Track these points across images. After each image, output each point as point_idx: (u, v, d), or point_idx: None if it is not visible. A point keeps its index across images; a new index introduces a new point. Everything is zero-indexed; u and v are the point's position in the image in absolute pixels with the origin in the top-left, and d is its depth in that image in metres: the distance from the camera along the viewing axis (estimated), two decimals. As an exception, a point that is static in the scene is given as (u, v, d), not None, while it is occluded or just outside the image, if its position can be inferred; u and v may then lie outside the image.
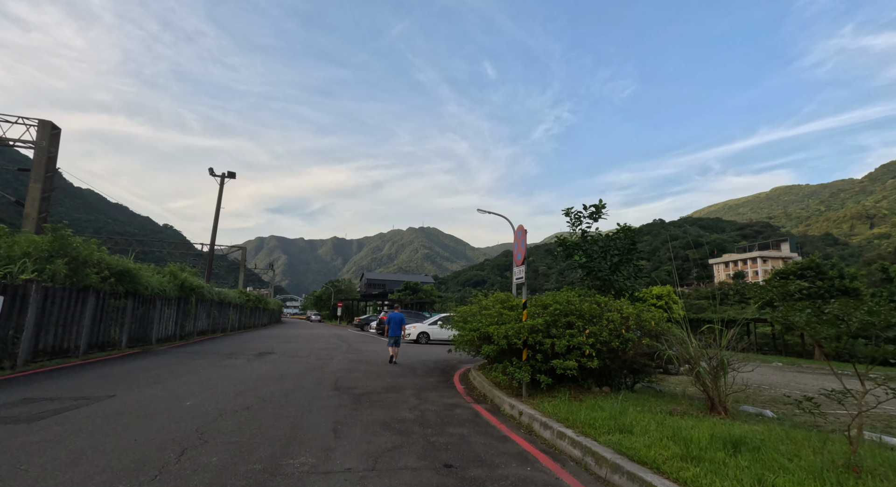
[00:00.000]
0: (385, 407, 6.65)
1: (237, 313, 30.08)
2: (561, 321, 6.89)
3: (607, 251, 8.45)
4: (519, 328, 6.69)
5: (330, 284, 78.46)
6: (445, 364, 13.29)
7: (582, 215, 8.60)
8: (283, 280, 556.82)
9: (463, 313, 9.24)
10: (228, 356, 13.01)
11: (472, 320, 8.00)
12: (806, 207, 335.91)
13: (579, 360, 6.40)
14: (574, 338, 6.50)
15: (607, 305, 7.12)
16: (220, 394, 7.07)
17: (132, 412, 5.68)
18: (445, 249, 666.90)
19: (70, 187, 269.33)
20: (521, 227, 7.30)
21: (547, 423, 5.13)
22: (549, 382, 6.50)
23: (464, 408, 6.80)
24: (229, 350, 15.02)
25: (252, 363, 11.49)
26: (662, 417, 4.97)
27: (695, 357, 5.48)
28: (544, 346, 6.48)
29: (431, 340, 23.03)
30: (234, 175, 26.02)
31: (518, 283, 7.28)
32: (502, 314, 7.52)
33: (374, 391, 8.13)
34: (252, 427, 5.16)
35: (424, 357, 15.23)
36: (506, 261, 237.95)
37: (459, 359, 14.76)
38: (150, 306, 15.96)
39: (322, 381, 9.00)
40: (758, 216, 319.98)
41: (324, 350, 16.39)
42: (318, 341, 21.89)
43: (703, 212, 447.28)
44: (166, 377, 8.71)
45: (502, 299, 8.86)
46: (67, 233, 11.24)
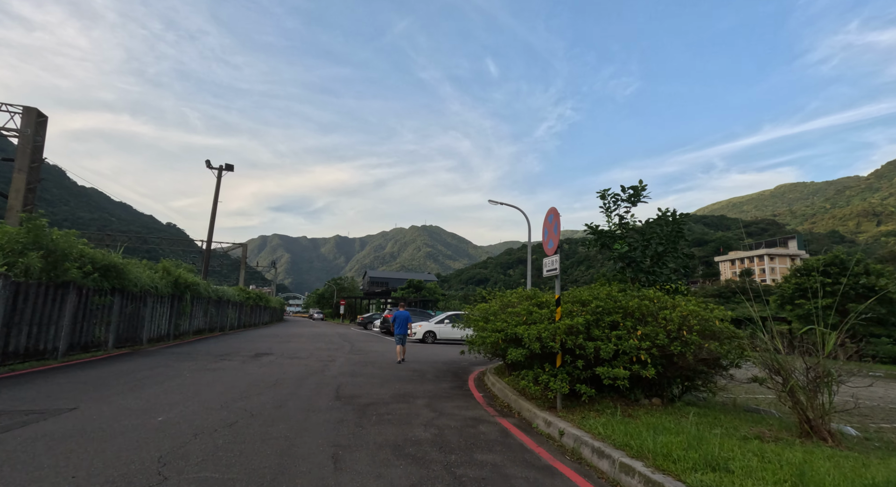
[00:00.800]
0: (395, 423, 5.59)
1: (236, 311, 29.13)
2: (604, 320, 5.82)
3: (650, 240, 7.35)
4: (554, 328, 5.62)
5: (332, 282, 77.54)
6: (457, 367, 12.24)
7: (619, 198, 7.48)
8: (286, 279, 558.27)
9: (482, 310, 8.17)
10: (222, 358, 12.00)
11: (495, 319, 6.95)
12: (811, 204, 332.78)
13: (629, 367, 5.33)
14: (624, 341, 5.43)
15: (661, 301, 6.04)
16: (201, 406, 6.03)
17: (87, 432, 4.64)
18: (448, 247, 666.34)
19: (74, 186, 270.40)
20: (554, 210, 6.24)
21: (602, 449, 4.06)
22: (592, 393, 5.42)
23: (488, 424, 5.73)
24: (224, 351, 14.02)
25: (246, 366, 10.47)
26: (755, 444, 3.89)
27: (785, 367, 4.41)
28: (587, 350, 5.40)
29: (438, 339, 21.99)
30: (231, 168, 25.02)
31: (550, 274, 6.21)
32: (532, 313, 6.45)
33: (381, 400, 7.08)
34: (230, 455, 4.11)
35: (433, 358, 14.19)
36: (508, 259, 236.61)
37: (471, 361, 13.71)
38: (140, 303, 14.96)
39: (322, 388, 7.95)
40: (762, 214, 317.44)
41: (325, 351, 15.37)
42: (320, 340, 20.89)
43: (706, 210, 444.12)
44: (146, 383, 7.69)
45: (528, 295, 7.78)
46: (42, 223, 10.22)
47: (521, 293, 8.01)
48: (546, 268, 6.37)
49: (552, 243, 6.26)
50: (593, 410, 5.53)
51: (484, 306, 8.34)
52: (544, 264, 6.48)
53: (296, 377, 9.14)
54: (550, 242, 6.32)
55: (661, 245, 7.16)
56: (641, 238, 7.39)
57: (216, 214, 23.98)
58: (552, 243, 6.26)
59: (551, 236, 6.33)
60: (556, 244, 6.16)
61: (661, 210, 7.37)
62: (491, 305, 8.17)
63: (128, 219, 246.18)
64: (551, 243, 6.30)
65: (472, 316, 9.01)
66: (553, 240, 6.25)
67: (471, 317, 9.14)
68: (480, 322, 7.67)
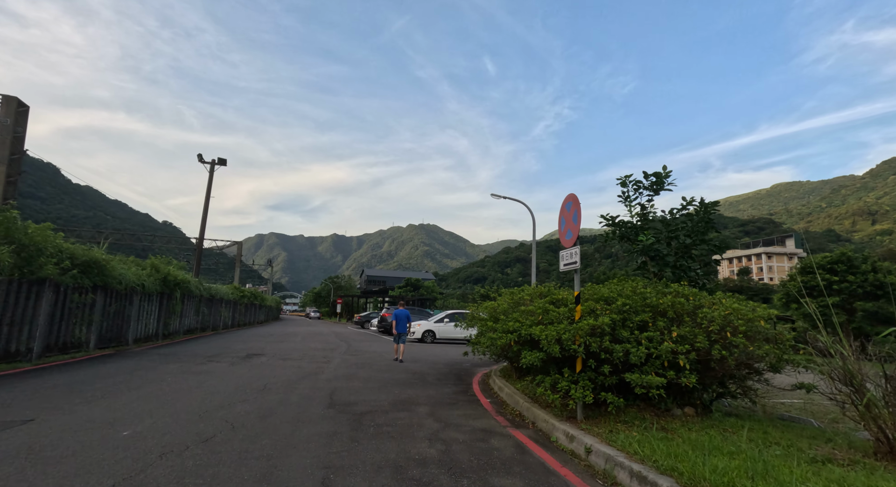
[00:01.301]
0: (395, 436, 4.93)
1: (230, 309, 28.40)
2: (632, 320, 5.17)
3: (676, 231, 6.70)
4: (575, 329, 4.97)
5: (329, 280, 76.75)
6: (459, 368, 11.59)
7: (641, 185, 6.81)
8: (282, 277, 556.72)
9: (489, 309, 7.50)
10: (210, 359, 11.30)
11: (506, 318, 6.29)
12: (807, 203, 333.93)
13: (662, 373, 4.68)
14: (655, 344, 4.78)
15: (697, 298, 5.39)
16: (176, 416, 5.35)
17: (35, 451, 3.95)
18: (445, 246, 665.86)
19: (68, 184, 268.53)
20: (573, 197, 5.58)
21: (643, 475, 3.40)
22: (621, 403, 4.77)
23: (501, 437, 5.07)
24: (213, 352, 13.32)
25: (235, 368, 9.78)
26: (834, 472, 3.23)
27: (858, 375, 3.77)
28: (614, 354, 4.76)
29: (438, 338, 21.35)
30: (224, 162, 24.26)
31: (568, 268, 5.55)
32: (548, 311, 5.78)
33: (380, 408, 6.41)
34: (200, 480, 3.44)
35: (434, 359, 13.54)
36: (506, 258, 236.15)
37: (473, 362, 13.06)
38: (125, 301, 14.24)
39: (314, 393, 7.27)
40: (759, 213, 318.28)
41: (320, 351, 14.68)
42: (315, 340, 20.20)
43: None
44: (121, 388, 7.00)
45: (542, 292, 7.11)
46: (13, 216, 9.49)
47: (534, 290, 7.33)
48: (563, 261, 5.71)
49: (570, 233, 5.60)
50: (620, 421, 4.88)
51: (492, 304, 7.68)
52: (561, 256, 5.82)
53: (287, 380, 8.46)
54: (569, 232, 5.66)
55: (688, 236, 6.51)
56: (666, 229, 6.74)
57: (208, 209, 23.24)
58: (570, 233, 5.60)
59: (570, 225, 5.66)
60: (575, 235, 5.50)
61: (686, 199, 6.72)
62: (500, 303, 7.51)
63: (123, 217, 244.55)
64: (570, 234, 5.64)
65: (477, 315, 8.36)
66: (572, 230, 5.59)
67: (476, 316, 8.48)
68: (489, 322, 6.99)
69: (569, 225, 5.70)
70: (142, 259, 17.14)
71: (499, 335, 6.08)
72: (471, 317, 9.17)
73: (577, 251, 5.39)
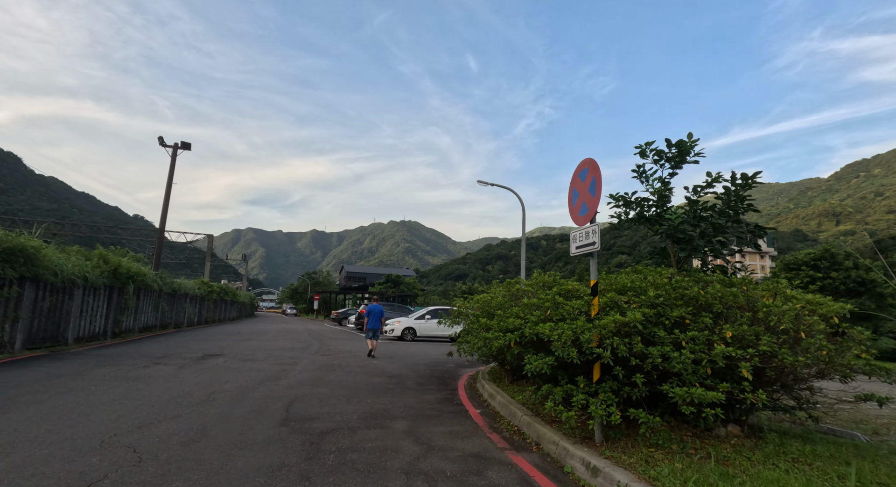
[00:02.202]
0: (362, 469, 3.73)
1: (196, 306, 26.54)
2: (668, 315, 4.11)
3: (704, 211, 5.66)
4: (598, 327, 3.85)
5: (306, 276, 74.44)
6: (442, 370, 10.43)
7: (664, 156, 5.73)
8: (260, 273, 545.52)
9: (481, 303, 6.35)
10: (156, 362, 9.83)
11: (504, 314, 5.17)
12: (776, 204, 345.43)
13: (713, 385, 3.58)
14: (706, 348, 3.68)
15: (751, 290, 4.34)
16: (70, 443, 4.01)
17: None
18: (427, 242, 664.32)
19: (31, 174, 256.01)
20: (591, 163, 4.44)
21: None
22: (657, 424, 3.66)
23: (500, 466, 3.93)
24: (165, 352, 11.80)
25: (181, 373, 8.38)
26: None
27: None
28: (650, 359, 3.66)
29: (418, 336, 20.15)
30: (188, 146, 22.40)
31: (582, 252, 4.43)
32: (560, 305, 4.67)
33: (346, 423, 5.19)
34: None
35: (414, 360, 12.35)
36: (487, 255, 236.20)
37: (457, 362, 11.94)
38: (63, 296, 12.55)
39: (268, 404, 5.99)
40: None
41: (288, 351, 13.30)
42: (286, 337, 18.72)
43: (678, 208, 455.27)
44: (20, 402, 5.57)
45: (547, 282, 5.97)
46: None
47: (537, 280, 6.17)
48: (576, 243, 4.60)
49: (586, 207, 4.48)
50: (651, 445, 3.82)
51: (484, 297, 6.53)
52: (573, 238, 4.70)
53: (240, 387, 7.14)
54: (583, 206, 4.53)
55: (722, 216, 5.48)
56: (692, 208, 5.70)
57: (170, 196, 21.41)
58: (586, 207, 4.48)
59: (585, 197, 4.54)
60: (592, 210, 4.38)
61: (711, 174, 5.69)
62: (494, 295, 6.37)
63: (91, 210, 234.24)
64: (585, 209, 4.51)
65: (465, 310, 7.22)
66: (588, 203, 4.46)
67: (463, 311, 7.34)
68: (482, 319, 5.83)
69: (583, 197, 4.57)
70: (78, 247, 15.36)
71: (495, 335, 4.95)
72: (456, 313, 8.02)
73: (596, 230, 4.27)
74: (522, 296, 5.91)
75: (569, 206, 4.90)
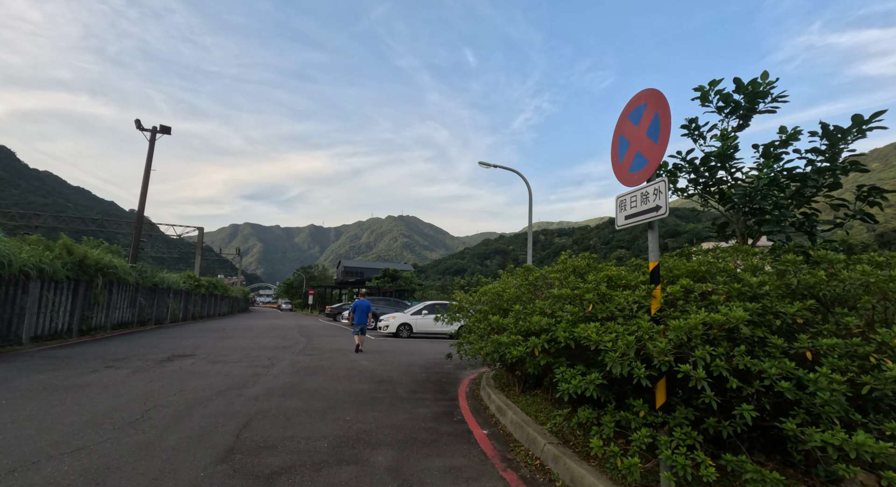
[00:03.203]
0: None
1: (181, 301, 25.15)
2: (786, 312, 2.78)
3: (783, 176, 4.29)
4: (683, 329, 2.50)
5: (301, 270, 72.97)
6: (440, 372, 9.12)
7: (731, 101, 4.32)
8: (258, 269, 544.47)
9: (489, 296, 5.00)
10: (110, 365, 8.50)
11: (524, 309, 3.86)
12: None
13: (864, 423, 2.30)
14: (870, 365, 2.37)
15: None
16: None
17: None
18: (425, 237, 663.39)
19: (25, 168, 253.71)
20: (654, 94, 3.05)
21: None
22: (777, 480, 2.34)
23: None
24: (127, 353, 10.45)
25: (130, 380, 7.04)
26: None
27: None
28: (762, 381, 2.34)
29: (414, 333, 18.86)
30: (168, 130, 20.93)
31: (634, 222, 3.09)
32: (607, 298, 3.32)
33: (312, 456, 3.88)
34: None
35: (408, 359, 11.04)
36: (486, 250, 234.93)
37: (457, 363, 10.65)
38: (15, 290, 11.19)
39: (215, 427, 4.67)
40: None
41: (269, 350, 11.98)
42: (272, 334, 17.38)
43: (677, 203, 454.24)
44: None
45: (579, 268, 4.55)
46: None
47: (567, 264, 4.73)
48: (626, 211, 3.25)
49: (643, 159, 3.11)
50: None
51: (493, 287, 5.18)
52: (619, 205, 3.34)
53: (190, 400, 5.80)
54: (639, 158, 3.17)
55: (811, 181, 4.15)
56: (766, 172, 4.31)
57: (149, 182, 19.97)
58: (643, 159, 3.11)
59: (640, 145, 3.17)
60: (653, 162, 3.02)
61: (786, 130, 4.34)
62: (506, 285, 5.03)
63: (86, 205, 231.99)
64: (640, 162, 3.15)
65: (468, 304, 5.90)
66: (647, 152, 3.10)
67: (465, 307, 6.02)
68: (492, 316, 4.46)
69: (638, 145, 3.21)
70: (38, 236, 13.99)
71: (512, 339, 3.63)
72: (457, 308, 6.70)
73: (660, 189, 2.92)
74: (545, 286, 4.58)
75: (613, 162, 3.55)
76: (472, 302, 6.19)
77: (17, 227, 42.81)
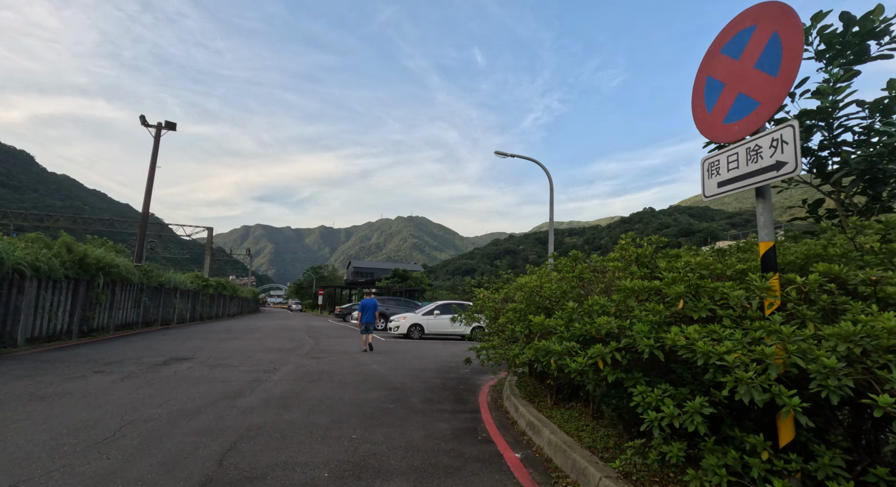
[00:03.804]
0: None
1: (188, 301, 24.71)
2: None
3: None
4: (877, 332, 1.68)
5: (311, 270, 72.69)
6: (456, 377, 8.30)
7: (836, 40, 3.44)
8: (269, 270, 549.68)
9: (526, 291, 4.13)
10: (98, 370, 7.85)
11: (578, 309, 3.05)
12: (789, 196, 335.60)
13: None
14: None
15: None
16: None
17: None
18: (434, 238, 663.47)
19: (44, 172, 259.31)
20: (769, 6, 2.25)
21: None
22: None
23: None
24: (122, 356, 9.83)
25: (114, 388, 6.36)
26: None
27: None
28: None
29: (426, 333, 18.09)
30: (173, 126, 20.46)
31: (744, 184, 2.26)
32: (705, 291, 2.46)
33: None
34: None
35: (420, 363, 10.25)
36: (495, 250, 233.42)
37: (474, 368, 9.83)
38: (10, 289, 10.68)
39: (196, 450, 3.92)
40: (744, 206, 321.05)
41: (273, 352, 11.28)
42: (278, 335, 16.73)
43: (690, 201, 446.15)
44: None
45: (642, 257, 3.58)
46: None
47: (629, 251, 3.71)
48: (719, 176, 2.40)
49: (749, 102, 2.27)
50: None
51: (529, 281, 4.32)
52: (709, 168, 2.50)
53: (174, 413, 5.08)
54: (741, 101, 2.32)
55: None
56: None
57: (154, 179, 19.50)
58: (749, 102, 2.27)
59: (740, 83, 2.33)
60: (768, 106, 2.18)
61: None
62: (544, 279, 4.16)
63: (102, 207, 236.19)
64: (744, 105, 2.31)
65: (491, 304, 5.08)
66: (756, 92, 2.26)
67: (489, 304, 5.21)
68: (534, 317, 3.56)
69: (739, 85, 2.35)
70: (38, 233, 13.52)
71: (567, 347, 2.80)
72: (478, 307, 5.88)
73: (787, 137, 2.08)
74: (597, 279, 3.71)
75: (696, 113, 2.68)
76: (497, 300, 5.38)
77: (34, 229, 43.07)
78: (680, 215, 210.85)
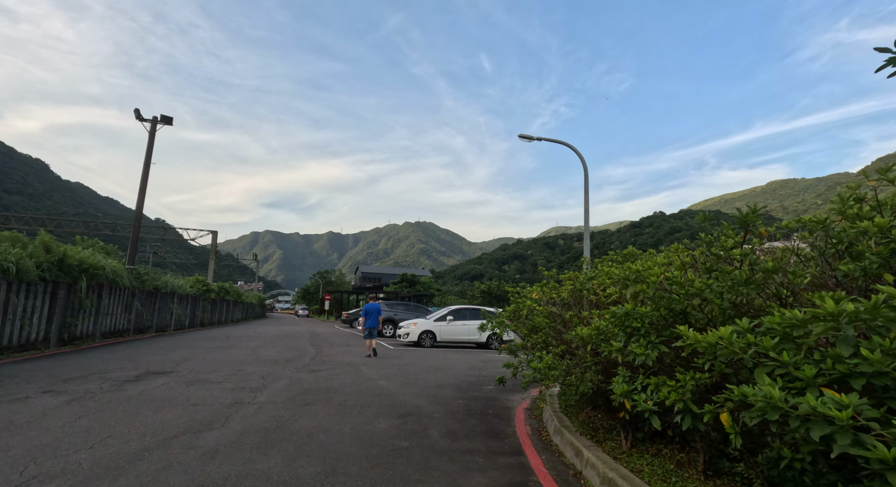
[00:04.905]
0: None
1: (187, 306, 23.48)
2: None
3: None
4: None
5: (318, 275, 71.58)
6: (480, 398, 6.79)
7: None
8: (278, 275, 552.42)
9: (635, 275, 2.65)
10: (50, 389, 6.48)
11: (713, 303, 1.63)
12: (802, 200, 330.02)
13: None
14: None
15: None
16: None
17: None
18: (442, 243, 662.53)
19: (58, 180, 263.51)
20: None
21: None
22: None
23: None
24: (92, 369, 8.48)
25: (56, 414, 4.97)
26: None
27: None
28: None
29: (439, 341, 16.61)
30: (170, 121, 19.33)
31: None
32: None
33: None
34: None
35: (436, 378, 8.76)
36: (503, 255, 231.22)
37: (490, 378, 8.31)
38: (-29, 292, 9.42)
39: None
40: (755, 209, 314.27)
41: (268, 364, 9.87)
42: (278, 344, 15.32)
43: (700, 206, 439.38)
44: None
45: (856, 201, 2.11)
46: None
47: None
48: None
49: None
50: None
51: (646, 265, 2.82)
52: None
53: (102, 460, 3.65)
54: None
55: None
56: None
57: (148, 177, 18.33)
58: None
59: None
60: None
61: None
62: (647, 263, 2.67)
63: (115, 214, 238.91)
64: None
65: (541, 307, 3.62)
66: None
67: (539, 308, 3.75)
68: (683, 327, 2.11)
69: None
70: (14, 232, 12.33)
71: (809, 404, 1.35)
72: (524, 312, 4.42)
73: None
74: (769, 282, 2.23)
75: None
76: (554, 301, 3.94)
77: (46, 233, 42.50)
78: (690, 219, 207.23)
